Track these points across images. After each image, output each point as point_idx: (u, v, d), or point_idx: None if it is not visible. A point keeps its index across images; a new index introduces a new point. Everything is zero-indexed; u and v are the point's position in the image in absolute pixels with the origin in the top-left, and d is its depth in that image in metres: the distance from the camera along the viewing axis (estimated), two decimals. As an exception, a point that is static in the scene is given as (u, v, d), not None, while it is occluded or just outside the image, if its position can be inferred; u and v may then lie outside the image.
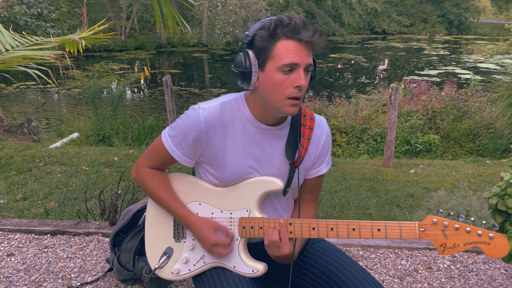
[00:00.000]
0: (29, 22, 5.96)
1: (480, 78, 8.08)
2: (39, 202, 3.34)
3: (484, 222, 1.10)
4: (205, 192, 1.32)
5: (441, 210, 1.12)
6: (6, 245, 2.48)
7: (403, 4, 32.87)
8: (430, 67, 17.93)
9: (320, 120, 1.35)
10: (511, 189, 1.47)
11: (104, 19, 2.19)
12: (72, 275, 2.19)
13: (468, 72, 16.50)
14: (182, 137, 1.24)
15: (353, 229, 1.18)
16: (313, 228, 1.22)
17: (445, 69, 17.34)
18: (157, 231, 1.39)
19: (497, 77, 8.06)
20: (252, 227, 1.26)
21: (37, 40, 1.87)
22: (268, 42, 1.12)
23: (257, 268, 1.27)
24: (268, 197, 1.31)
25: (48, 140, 6.28)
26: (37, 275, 2.19)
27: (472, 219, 1.11)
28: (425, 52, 23.39)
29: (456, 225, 1.09)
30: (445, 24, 31.76)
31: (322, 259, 1.32)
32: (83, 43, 1.77)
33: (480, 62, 18.73)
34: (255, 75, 1.16)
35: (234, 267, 1.28)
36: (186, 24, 2.38)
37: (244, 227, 1.27)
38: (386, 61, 20.72)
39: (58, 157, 4.49)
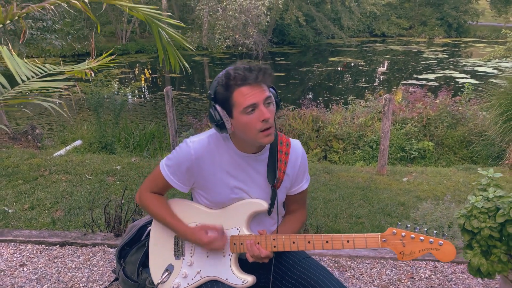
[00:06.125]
0: (35, 35, 6.14)
1: (475, 82, 8.23)
2: (46, 211, 3.50)
3: (435, 232, 1.30)
4: (200, 214, 1.53)
5: (399, 223, 1.32)
6: (19, 255, 2.66)
7: (402, 7, 32.99)
8: (428, 71, 18.07)
9: (296, 145, 1.55)
10: (475, 211, 1.64)
11: (111, 50, 2.36)
12: (81, 285, 2.37)
13: (466, 76, 16.66)
14: (176, 167, 1.47)
15: (327, 241, 1.39)
16: (293, 242, 1.43)
17: (443, 73, 17.48)
18: (160, 250, 1.59)
19: (494, 81, 8.20)
20: (241, 244, 1.47)
21: (49, 70, 2.05)
22: (226, 94, 1.34)
23: (247, 279, 1.47)
24: (257, 214, 1.51)
25: (52, 147, 6.45)
26: (48, 284, 2.36)
27: (426, 229, 1.31)
28: (423, 55, 23.50)
29: (412, 235, 1.29)
30: (444, 26, 31.84)
31: (306, 275, 1.51)
32: (92, 74, 1.95)
33: (478, 66, 18.88)
34: (228, 123, 1.37)
35: (227, 279, 1.48)
36: (187, 65, 2.59)
37: (234, 244, 1.48)
38: (386, 63, 20.86)
39: (63, 165, 4.66)
